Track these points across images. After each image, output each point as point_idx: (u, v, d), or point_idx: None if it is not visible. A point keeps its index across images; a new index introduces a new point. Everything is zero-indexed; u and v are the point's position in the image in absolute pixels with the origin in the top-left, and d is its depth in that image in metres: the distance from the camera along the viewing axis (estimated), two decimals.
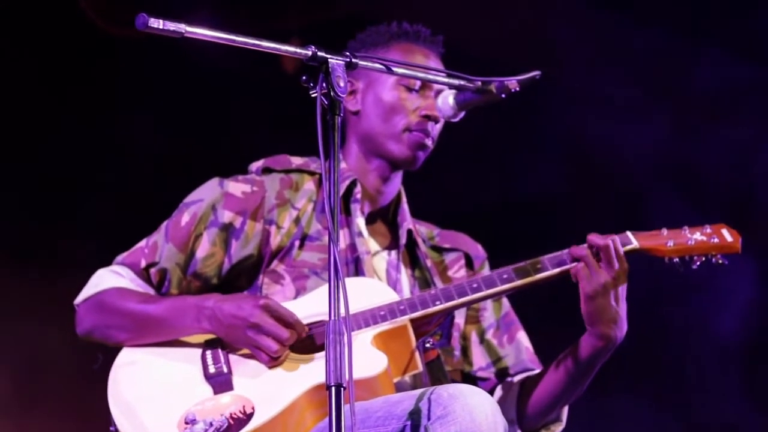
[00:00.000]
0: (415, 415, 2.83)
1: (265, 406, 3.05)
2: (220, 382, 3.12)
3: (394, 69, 2.98)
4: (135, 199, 4.85)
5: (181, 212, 3.41)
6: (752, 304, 5.34)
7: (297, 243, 3.38)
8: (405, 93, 3.46)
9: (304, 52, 2.72)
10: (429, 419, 2.81)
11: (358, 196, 3.49)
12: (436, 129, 3.48)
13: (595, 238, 3.27)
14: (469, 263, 3.64)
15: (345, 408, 2.94)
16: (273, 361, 3.12)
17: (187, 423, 3.04)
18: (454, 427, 2.78)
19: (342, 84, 2.71)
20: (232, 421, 3.02)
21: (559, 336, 3.46)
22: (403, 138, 3.45)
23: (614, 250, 3.24)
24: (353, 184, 3.49)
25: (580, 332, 3.32)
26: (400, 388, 3.22)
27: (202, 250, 3.36)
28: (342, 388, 2.53)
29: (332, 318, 2.58)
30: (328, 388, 2.53)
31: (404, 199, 3.61)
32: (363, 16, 3.69)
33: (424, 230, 3.67)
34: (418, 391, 2.91)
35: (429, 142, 3.47)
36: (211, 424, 3.02)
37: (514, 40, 5.30)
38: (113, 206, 4.96)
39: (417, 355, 3.21)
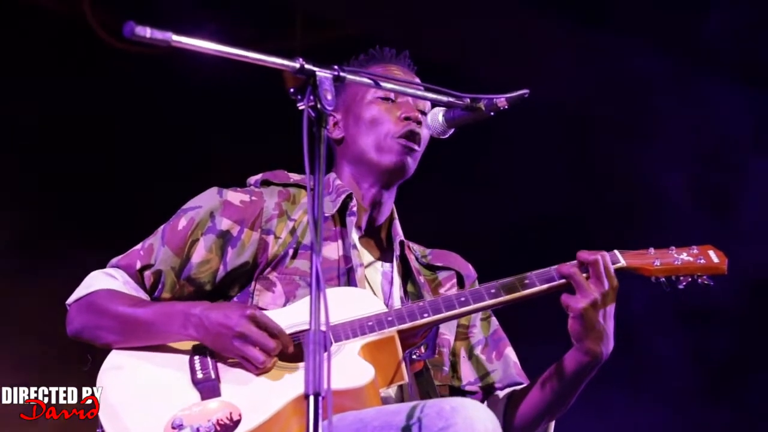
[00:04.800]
0: (415, 426, 2.73)
1: (253, 414, 2.91)
2: (208, 388, 2.99)
3: (382, 84, 2.87)
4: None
5: (178, 217, 3.28)
6: None
7: (291, 252, 3.25)
8: (383, 104, 3.36)
9: (291, 64, 2.61)
10: (430, 430, 2.70)
11: (354, 209, 3.37)
12: (422, 133, 3.35)
13: (584, 254, 3.13)
14: (461, 282, 3.51)
15: (334, 418, 2.84)
16: (260, 370, 2.99)
17: (174, 428, 2.90)
18: None
19: (329, 97, 2.62)
20: (219, 427, 2.89)
21: (545, 350, 3.30)
22: (389, 146, 3.34)
23: (603, 265, 3.10)
24: (349, 197, 3.37)
25: (566, 347, 3.19)
26: (386, 399, 3.10)
27: (198, 255, 3.23)
28: (321, 398, 2.40)
29: (313, 327, 2.44)
30: (307, 397, 2.40)
31: (396, 216, 3.49)
32: (365, 37, 3.55)
33: (417, 248, 3.55)
34: (417, 402, 2.81)
35: (415, 147, 3.36)
36: (198, 430, 2.89)
37: (512, 59, 5.19)
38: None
39: (403, 366, 3.09)
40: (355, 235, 3.36)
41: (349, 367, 2.97)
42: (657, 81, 5.38)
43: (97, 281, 3.20)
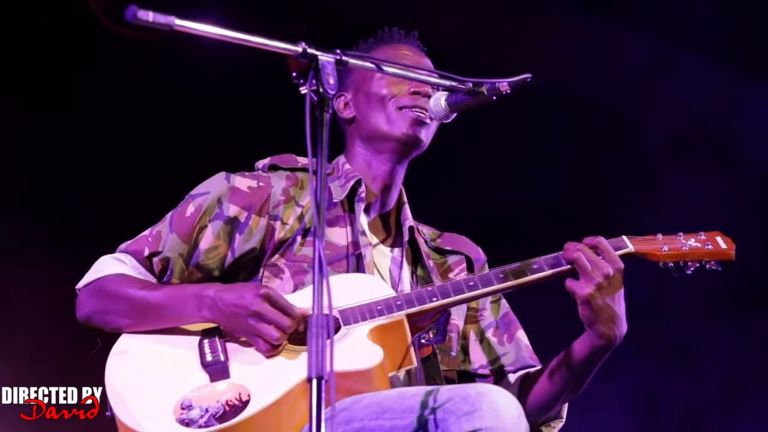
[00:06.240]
0: (440, 411, 2.70)
1: (262, 395, 2.90)
2: (217, 370, 2.98)
3: (385, 68, 2.85)
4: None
5: (186, 203, 3.26)
6: None
7: (299, 238, 3.23)
8: (392, 79, 3.31)
9: (294, 48, 2.59)
10: (455, 414, 2.67)
11: (363, 195, 3.34)
12: (431, 108, 3.28)
13: (571, 244, 3.11)
14: (470, 266, 3.48)
15: (348, 400, 2.82)
16: (271, 351, 2.98)
17: (183, 408, 2.89)
18: (480, 423, 2.64)
19: (332, 81, 2.59)
20: (228, 408, 2.88)
21: (559, 334, 3.26)
22: (399, 117, 3.30)
23: (603, 249, 3.08)
24: (358, 183, 3.35)
25: (580, 330, 3.16)
26: (394, 382, 3.08)
27: (206, 242, 3.21)
28: (324, 381, 2.38)
29: (315, 311, 2.42)
30: (309, 380, 2.38)
31: (406, 200, 3.46)
32: (371, 23, 3.53)
33: (427, 232, 3.52)
34: (438, 387, 2.79)
35: (426, 118, 3.30)
36: (207, 410, 2.88)
37: (513, 45, 5.15)
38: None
39: (412, 350, 3.08)
40: (363, 221, 3.34)
41: (357, 349, 2.97)
42: (656, 67, 5.35)
43: (106, 266, 3.18)
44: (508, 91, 2.99)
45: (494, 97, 3.00)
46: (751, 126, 5.42)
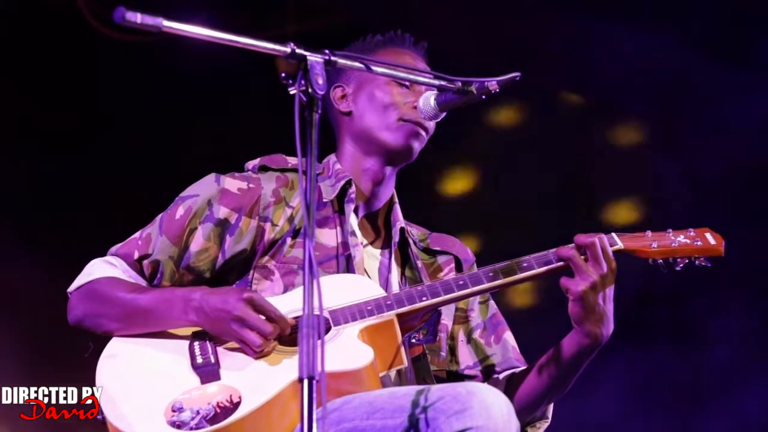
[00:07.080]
0: (430, 409, 2.69)
1: (252, 396, 2.89)
2: (208, 372, 2.97)
3: (374, 68, 2.84)
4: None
5: (176, 205, 3.25)
6: None
7: (289, 240, 3.21)
8: (397, 88, 3.32)
9: (282, 49, 2.59)
10: (445, 413, 2.66)
11: (353, 195, 3.33)
12: (429, 124, 3.31)
13: (581, 237, 3.12)
14: (459, 266, 3.48)
15: (338, 401, 2.81)
16: (259, 354, 2.97)
17: (174, 411, 2.88)
18: (471, 422, 2.63)
19: (321, 82, 2.59)
20: (218, 410, 2.87)
21: (546, 334, 3.26)
22: (397, 128, 3.30)
23: (601, 247, 3.08)
24: (348, 183, 3.33)
25: (566, 330, 3.16)
26: (385, 382, 3.07)
27: (196, 244, 3.20)
28: (315, 381, 2.37)
29: (306, 312, 2.42)
30: (301, 380, 2.37)
31: (396, 200, 3.45)
32: (360, 24, 3.51)
33: (416, 232, 3.51)
34: (428, 386, 2.78)
35: (423, 133, 3.32)
36: (197, 413, 2.87)
37: (504, 46, 5.16)
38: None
39: (402, 350, 3.07)
40: (353, 221, 3.33)
41: (347, 350, 2.96)
42: (641, 58, 5.37)
43: (97, 269, 3.18)
44: (497, 90, 2.99)
45: (483, 96, 3.01)
46: (737, 115, 5.43)
